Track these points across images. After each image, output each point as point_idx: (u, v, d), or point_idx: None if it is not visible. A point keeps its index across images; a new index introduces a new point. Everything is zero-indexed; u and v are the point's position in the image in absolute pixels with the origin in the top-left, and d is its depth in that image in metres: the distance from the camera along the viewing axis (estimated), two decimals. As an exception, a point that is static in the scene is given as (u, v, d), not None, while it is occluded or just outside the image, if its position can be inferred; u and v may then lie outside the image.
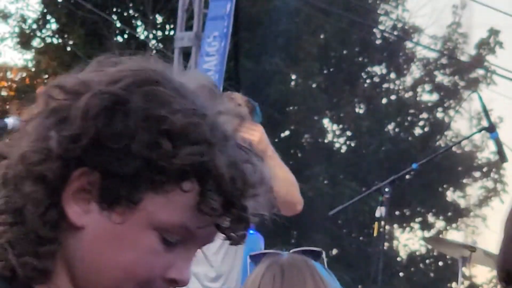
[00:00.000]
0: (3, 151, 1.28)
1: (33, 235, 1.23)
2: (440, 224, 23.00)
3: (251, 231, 4.19)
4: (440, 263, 22.29)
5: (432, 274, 22.41)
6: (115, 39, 17.84)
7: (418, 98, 22.92)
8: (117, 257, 1.23)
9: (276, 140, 18.95)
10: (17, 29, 18.68)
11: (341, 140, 22.67)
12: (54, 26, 18.65)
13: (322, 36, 20.85)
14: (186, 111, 1.22)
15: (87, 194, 1.23)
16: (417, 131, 22.54)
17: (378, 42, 22.68)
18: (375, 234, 4.91)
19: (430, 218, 22.91)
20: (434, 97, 22.88)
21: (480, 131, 5.54)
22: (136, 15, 18.82)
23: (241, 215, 1.24)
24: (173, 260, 1.25)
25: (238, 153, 1.25)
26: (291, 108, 20.73)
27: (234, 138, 1.26)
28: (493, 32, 21.76)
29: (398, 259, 22.80)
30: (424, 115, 22.63)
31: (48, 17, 18.56)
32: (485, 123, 5.12)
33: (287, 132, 21.06)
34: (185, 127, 1.21)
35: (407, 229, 22.99)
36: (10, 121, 4.58)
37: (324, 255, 2.59)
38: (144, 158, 1.20)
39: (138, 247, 1.23)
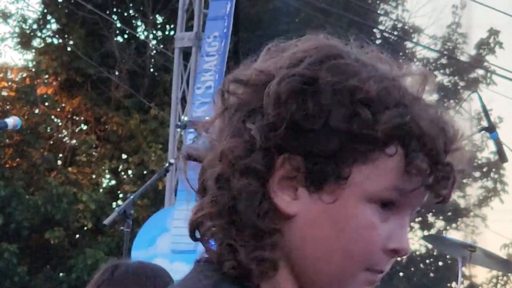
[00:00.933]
0: (192, 154, 1.24)
1: (253, 230, 1.18)
2: (440, 224, 23.01)
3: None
4: (440, 263, 22.29)
5: (432, 274, 22.41)
6: (115, 39, 17.83)
7: (418, 98, 22.90)
8: (336, 239, 1.19)
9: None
10: (17, 29, 18.65)
11: (341, 140, 22.67)
12: (54, 26, 18.62)
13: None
14: (376, 77, 1.20)
15: (292, 181, 1.19)
16: (417, 131, 22.54)
17: (378, 42, 22.68)
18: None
19: (430, 218, 22.90)
20: (434, 97, 22.83)
21: (480, 131, 5.53)
22: (136, 15, 18.80)
23: (447, 171, 1.21)
24: (390, 230, 1.22)
25: (430, 110, 1.22)
26: (291, 108, 20.71)
27: (423, 98, 1.25)
28: (493, 32, 21.74)
29: (398, 258, 22.75)
30: (424, 115, 22.63)
31: (48, 17, 18.53)
32: (485, 123, 5.11)
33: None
34: (379, 92, 1.19)
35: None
36: (10, 121, 4.59)
37: None
38: (345, 131, 1.17)
39: (355, 224, 1.19)
